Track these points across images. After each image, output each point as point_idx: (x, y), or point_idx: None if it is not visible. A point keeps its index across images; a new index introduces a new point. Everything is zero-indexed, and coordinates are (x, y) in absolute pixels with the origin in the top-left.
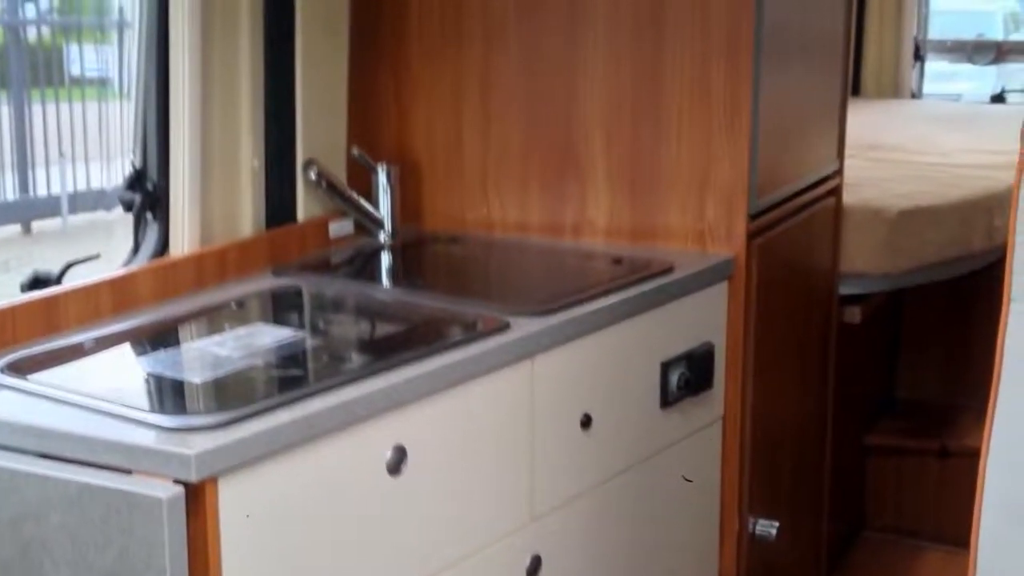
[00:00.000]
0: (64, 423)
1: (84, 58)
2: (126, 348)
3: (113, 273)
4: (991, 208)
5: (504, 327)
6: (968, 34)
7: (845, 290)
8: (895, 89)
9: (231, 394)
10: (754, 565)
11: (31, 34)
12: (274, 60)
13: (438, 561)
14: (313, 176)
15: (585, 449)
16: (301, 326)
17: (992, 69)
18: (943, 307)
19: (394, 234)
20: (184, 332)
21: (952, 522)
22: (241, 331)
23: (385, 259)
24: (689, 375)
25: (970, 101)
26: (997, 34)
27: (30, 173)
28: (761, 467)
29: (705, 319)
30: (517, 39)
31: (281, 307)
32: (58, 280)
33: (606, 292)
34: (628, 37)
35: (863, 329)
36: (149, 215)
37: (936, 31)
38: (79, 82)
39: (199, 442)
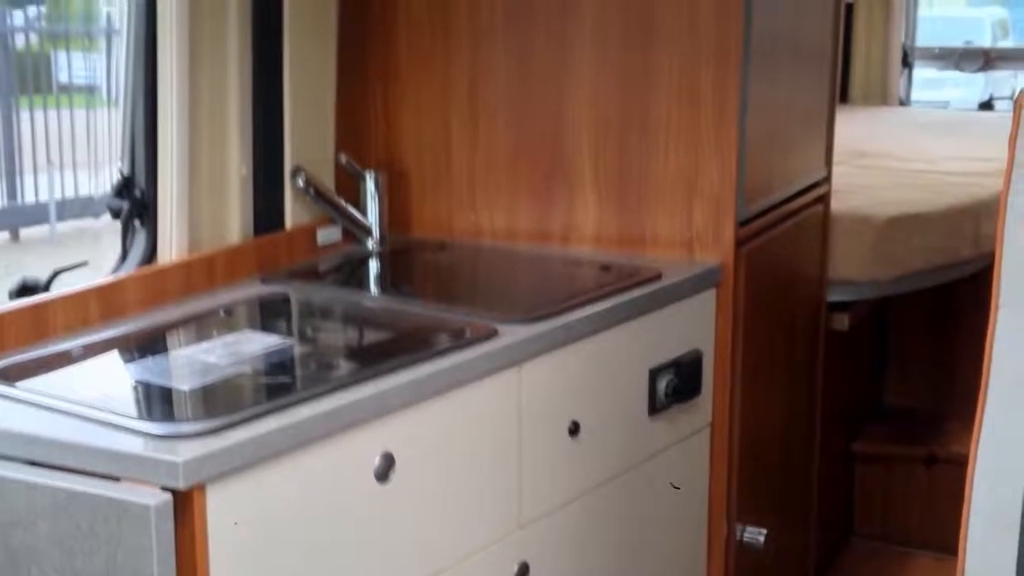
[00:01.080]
0: (52, 430)
1: (72, 65)
2: (114, 355)
3: (101, 280)
4: (979, 215)
5: (492, 334)
6: (956, 41)
7: (833, 297)
8: (883, 96)
9: (219, 401)
10: (742, 572)
11: (19, 42)
12: (262, 67)
13: (426, 568)
14: (301, 183)
15: (573, 456)
16: (289, 333)
17: (980, 76)
18: (931, 314)
19: (382, 241)
20: (172, 339)
21: (940, 529)
22: (229, 338)
23: (373, 266)
24: (677, 382)
25: (958, 108)
26: (985, 41)
27: (18, 180)
28: (749, 474)
29: (693, 326)
30: (505, 46)
31: (269, 314)
32: (46, 287)
33: (594, 299)
34: (616, 45)
35: (851, 336)
36: (137, 222)
37: (924, 38)
38: (67, 89)
39: (187, 449)
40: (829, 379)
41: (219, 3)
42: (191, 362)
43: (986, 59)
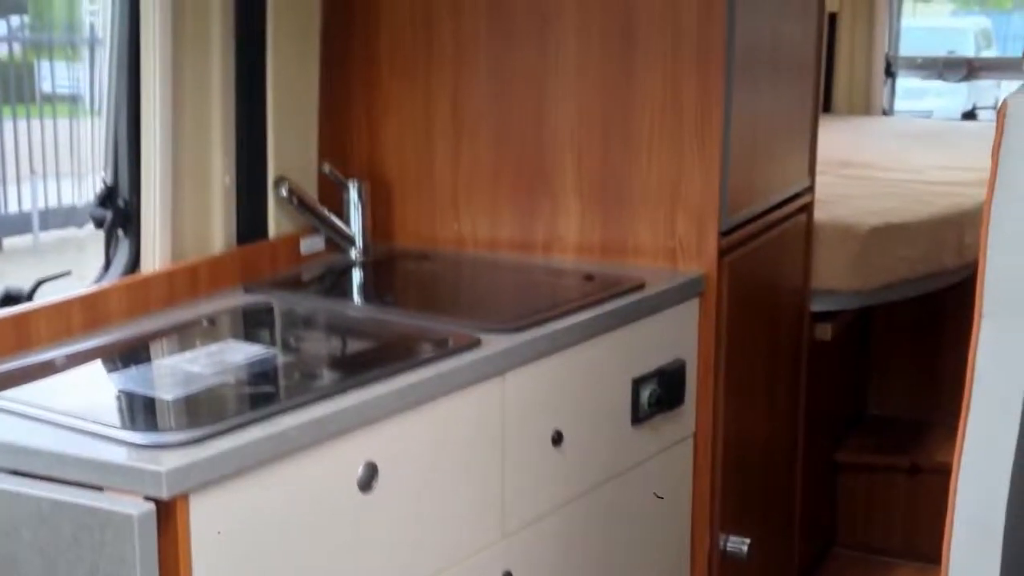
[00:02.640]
0: (35, 440)
1: (55, 75)
2: (97, 365)
3: (84, 290)
4: (962, 225)
5: (475, 344)
6: (939, 51)
7: (816, 307)
8: (866, 106)
9: (202, 411)
10: None
11: (2, 51)
12: (245, 77)
13: None
14: (284, 193)
15: (556, 466)
16: (272, 343)
17: (963, 86)
18: (914, 324)
19: (365, 251)
20: (155, 349)
21: (922, 538)
22: (212, 348)
23: (356, 276)
24: (660, 392)
25: (941, 118)
26: (968, 51)
27: (1, 190)
28: (732, 484)
29: (676, 336)
30: (488, 56)
31: (252, 324)
32: (29, 297)
33: (577, 309)
34: (599, 54)
35: (834, 346)
36: (120, 232)
37: (907, 48)
38: (50, 99)
39: (170, 459)
40: (812, 388)
41: (202, 13)
42: (174, 372)
43: (969, 69)
